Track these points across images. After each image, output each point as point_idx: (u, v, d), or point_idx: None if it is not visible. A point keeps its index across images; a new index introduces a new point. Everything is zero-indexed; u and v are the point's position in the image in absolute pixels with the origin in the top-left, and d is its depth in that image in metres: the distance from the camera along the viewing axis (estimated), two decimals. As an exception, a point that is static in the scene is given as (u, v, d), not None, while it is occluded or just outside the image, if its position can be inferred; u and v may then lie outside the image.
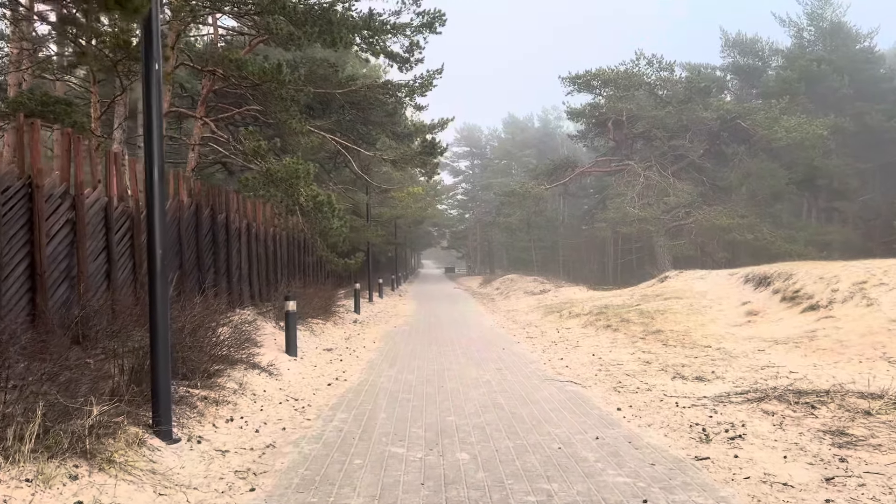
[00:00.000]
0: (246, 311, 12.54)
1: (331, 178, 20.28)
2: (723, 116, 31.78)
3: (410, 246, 76.11)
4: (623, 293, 20.65)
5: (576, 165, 36.35)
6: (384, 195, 23.98)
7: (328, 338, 13.30)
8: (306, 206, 9.44)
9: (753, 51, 46.61)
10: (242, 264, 12.81)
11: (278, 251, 15.95)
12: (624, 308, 16.19)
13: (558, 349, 12.44)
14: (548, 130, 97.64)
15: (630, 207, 29.92)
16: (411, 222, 45.57)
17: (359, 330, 16.05)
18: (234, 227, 12.49)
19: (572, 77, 34.75)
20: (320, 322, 14.62)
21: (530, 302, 25.90)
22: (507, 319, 20.10)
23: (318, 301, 14.97)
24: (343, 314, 18.43)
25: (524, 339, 14.62)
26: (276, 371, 8.67)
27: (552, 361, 10.94)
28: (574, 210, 66.37)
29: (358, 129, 17.77)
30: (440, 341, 14.02)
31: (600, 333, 13.80)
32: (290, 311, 10.16)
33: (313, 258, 17.51)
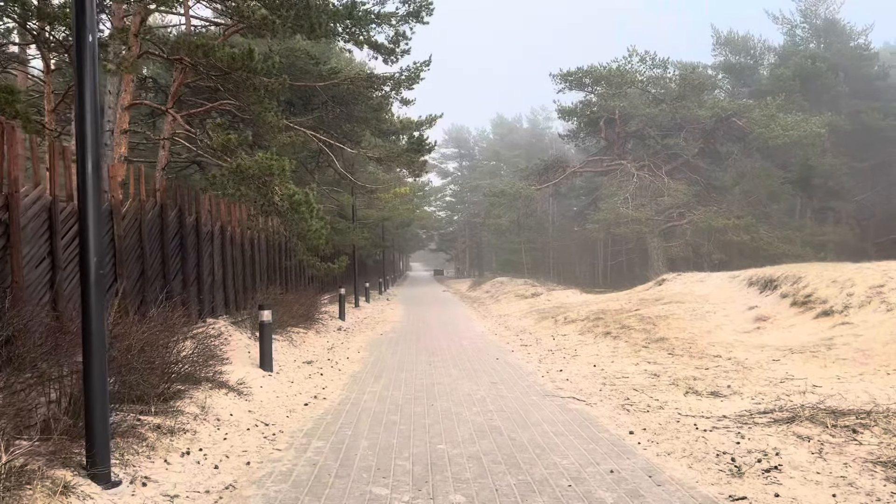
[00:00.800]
0: (219, 320, 11.67)
1: (314, 179, 19.44)
2: (717, 114, 31.19)
3: (399, 249, 75.32)
4: (619, 297, 19.93)
5: (567, 165, 35.65)
6: (370, 196, 23.17)
7: (309, 348, 12.45)
8: (282, 206, 8.62)
9: (745, 49, 46.20)
10: (216, 270, 11.94)
11: (256, 255, 15.09)
12: (623, 313, 15.45)
13: (556, 359, 11.66)
14: (536, 131, 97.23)
15: (623, 208, 29.24)
16: (399, 224, 44.75)
17: (343, 338, 15.21)
18: (206, 229, 11.62)
19: (564, 74, 34.04)
20: (301, 331, 13.76)
21: (522, 306, 25.14)
22: (499, 325, 19.31)
23: (299, 308, 14.12)
24: (327, 321, 17.58)
25: (518, 347, 13.84)
26: (247, 390, 7.82)
27: (551, 373, 10.16)
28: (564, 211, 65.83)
29: (342, 126, 16.93)
30: (430, 350, 13.21)
31: (599, 341, 13.03)
32: (265, 321, 9.31)
33: (295, 262, 16.65)
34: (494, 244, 69.09)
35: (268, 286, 15.61)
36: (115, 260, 8.10)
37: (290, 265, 17.52)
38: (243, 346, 10.48)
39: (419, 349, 13.45)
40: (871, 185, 39.13)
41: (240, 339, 10.74)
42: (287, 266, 17.40)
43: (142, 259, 8.89)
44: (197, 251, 11.10)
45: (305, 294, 16.38)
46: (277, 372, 9.56)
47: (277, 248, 17.04)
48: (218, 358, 7.97)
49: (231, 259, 13.11)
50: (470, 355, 12.47)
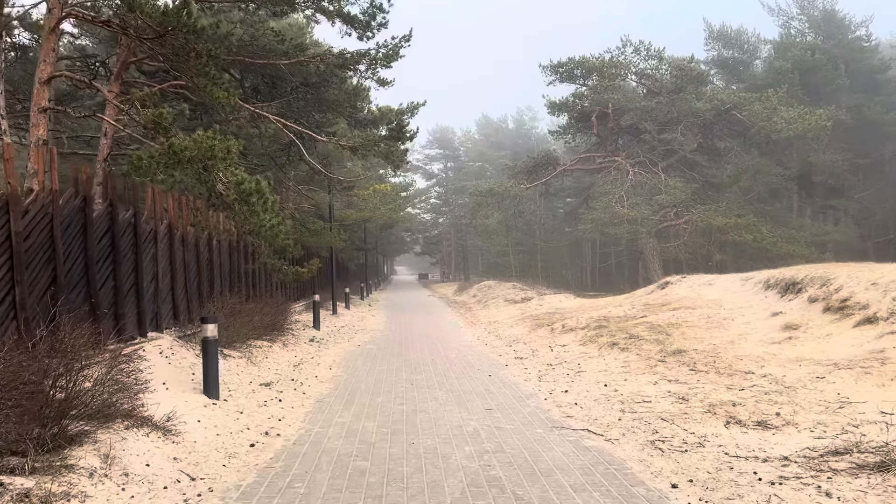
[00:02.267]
0: (164, 336, 10.05)
1: (285, 175, 17.84)
2: (717, 107, 29.89)
3: (382, 252, 73.79)
4: (621, 302, 18.49)
5: (557, 163, 34.23)
6: (348, 194, 21.62)
7: (271, 366, 10.84)
8: (228, 196, 7.07)
9: (739, 43, 45.13)
10: (161, 276, 10.31)
11: (216, 259, 13.47)
12: (628, 321, 14.00)
13: (558, 376, 10.17)
14: (522, 132, 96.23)
15: (618, 206, 27.83)
16: (381, 226, 43.13)
17: (314, 351, 13.61)
18: (148, 228, 10.01)
19: (554, 65, 32.59)
20: (265, 344, 12.16)
21: (512, 312, 23.67)
22: (490, 333, 17.81)
23: (262, 318, 12.52)
24: (298, 331, 15.97)
25: (513, 360, 12.33)
26: (177, 427, 6.23)
27: (555, 395, 8.66)
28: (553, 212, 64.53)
29: (312, 115, 15.38)
30: (412, 364, 11.67)
31: (606, 354, 11.55)
32: (209, 337, 7.74)
33: (261, 266, 15.04)
34: (481, 247, 67.68)
35: (230, 293, 14.00)
36: (11, 264, 6.49)
37: (256, 269, 15.90)
38: (187, 366, 8.86)
39: (401, 364, 11.90)
40: (873, 183, 38.08)
41: (184, 357, 9.12)
42: (253, 270, 15.78)
43: (53, 263, 7.27)
44: (135, 254, 9.48)
45: (272, 302, 14.77)
46: (225, 399, 7.96)
47: (242, 251, 15.43)
48: (142, 385, 6.38)
49: (182, 263, 11.49)
50: (458, 371, 10.95)
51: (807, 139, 27.95)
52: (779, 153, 32.12)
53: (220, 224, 13.14)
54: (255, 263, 13.43)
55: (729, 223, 26.72)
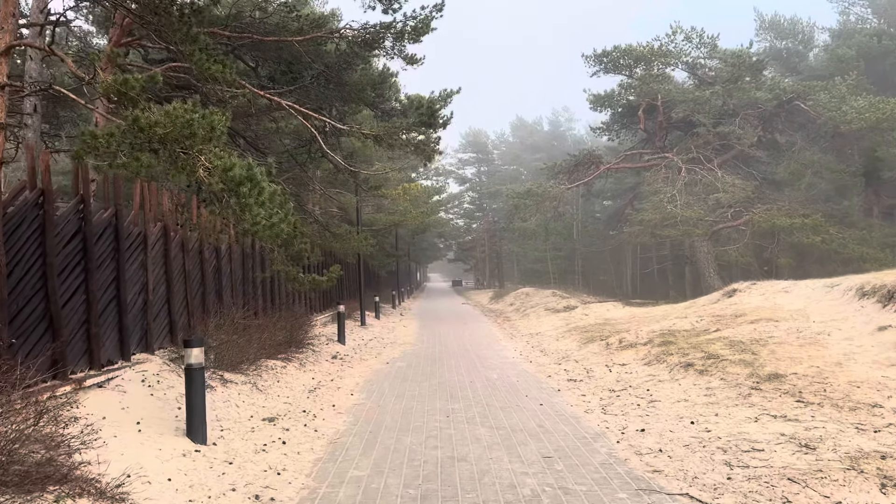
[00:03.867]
0: (153, 358, 8.57)
1: (307, 174, 16.39)
2: (778, 97, 27.65)
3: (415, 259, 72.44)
4: (681, 312, 16.58)
5: (600, 162, 32.28)
6: (376, 194, 20.11)
7: (281, 392, 9.28)
8: (212, 185, 5.55)
9: (793, 33, 42.65)
10: (152, 287, 8.84)
11: (225, 267, 12.01)
12: (699, 335, 12.15)
13: (626, 406, 8.41)
14: (557, 133, 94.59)
15: (671, 207, 25.79)
16: (413, 231, 41.65)
17: (336, 371, 12.05)
18: (135, 231, 8.55)
19: (598, 55, 30.64)
20: (277, 365, 10.62)
21: (555, 322, 21.87)
22: (533, 348, 16.08)
23: (273, 334, 10.99)
24: (320, 346, 14.46)
25: (565, 383, 10.61)
26: (134, 493, 4.65)
27: (629, 435, 6.93)
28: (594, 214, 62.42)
29: (334, 107, 13.89)
30: (448, 388, 10.03)
31: (680, 376, 9.74)
32: (193, 365, 6.21)
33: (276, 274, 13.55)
34: (517, 253, 65.80)
35: (242, 306, 12.52)
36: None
37: (274, 278, 14.42)
38: (175, 397, 7.33)
39: (434, 387, 10.26)
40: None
41: (172, 386, 7.59)
42: (271, 280, 14.31)
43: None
44: (116, 260, 8.01)
45: (290, 314, 13.24)
46: (214, 442, 6.40)
47: (258, 257, 13.97)
48: (89, 435, 4.83)
49: (182, 272, 10.02)
50: (503, 398, 9.27)
51: (880, 130, 25.56)
52: (839, 148, 29.70)
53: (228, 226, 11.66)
54: (269, 271, 11.90)
55: (795, 224, 24.48)
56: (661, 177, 28.14)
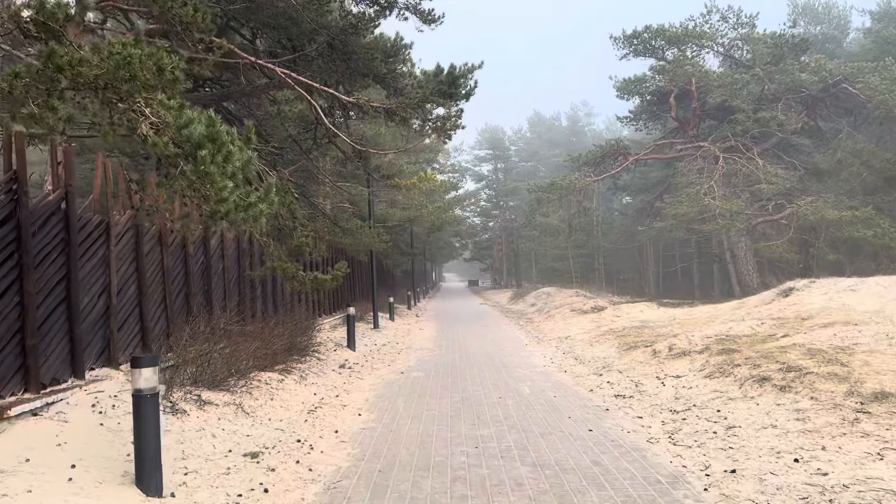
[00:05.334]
0: (116, 374, 7.06)
1: (312, 162, 14.88)
2: (824, 79, 25.76)
3: (431, 258, 71.04)
4: (732, 314, 14.90)
5: (628, 153, 30.50)
6: (389, 185, 18.58)
7: (272, 414, 7.74)
8: (160, 147, 4.06)
9: (828, 18, 40.65)
10: (118, 288, 7.35)
11: (215, 264, 10.54)
12: (764, 341, 10.48)
13: (699, 434, 6.81)
14: (576, 129, 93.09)
15: (709, 199, 23.99)
16: (429, 229, 40.09)
17: (342, 384, 10.51)
18: (93, 220, 7.06)
19: (628, 36, 28.84)
20: (273, 378, 9.10)
21: (585, 325, 20.22)
22: (564, 354, 14.48)
23: (268, 343, 9.48)
24: (327, 353, 12.96)
25: (612, 399, 9.02)
26: None
27: (714, 477, 5.37)
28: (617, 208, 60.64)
29: (342, 84, 12.36)
30: (474, 406, 8.47)
31: (754, 393, 8.10)
32: (143, 391, 4.73)
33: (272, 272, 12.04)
34: (536, 251, 64.04)
35: (239, 308, 11.05)
36: None
37: (276, 277, 12.93)
38: (130, 428, 5.79)
39: (457, 405, 8.70)
40: None
41: (131, 411, 6.05)
42: (272, 279, 12.83)
43: None
44: (66, 255, 6.53)
45: (291, 318, 11.72)
46: (173, 492, 4.89)
47: (257, 254, 12.48)
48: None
49: (159, 270, 8.54)
50: (541, 420, 7.69)
51: (938, 115, 23.62)
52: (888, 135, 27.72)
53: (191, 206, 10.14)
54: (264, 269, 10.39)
55: (844, 217, 22.63)
56: (696, 167, 26.34)
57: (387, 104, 9.66)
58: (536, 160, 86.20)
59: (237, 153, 4.40)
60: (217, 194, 4.26)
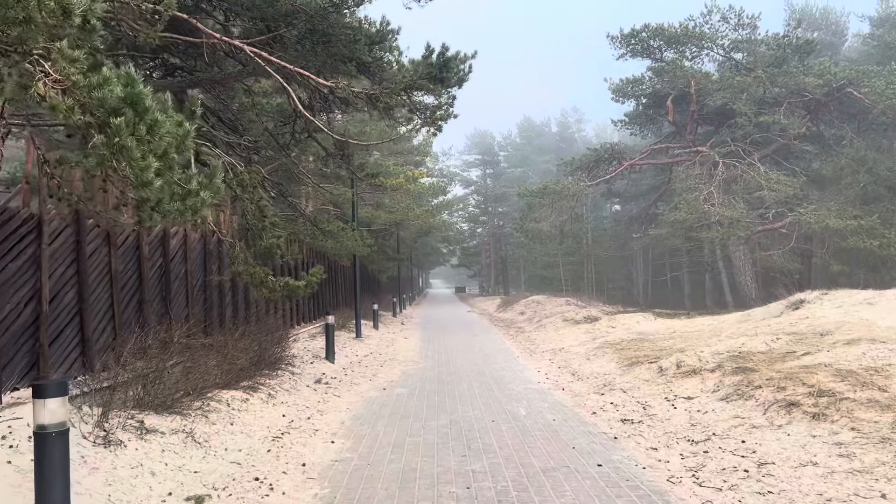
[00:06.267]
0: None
1: (290, 158, 13.85)
2: (829, 83, 25.04)
3: (417, 264, 70.13)
4: (739, 327, 14.05)
5: (623, 157, 29.67)
6: (374, 187, 17.60)
7: (229, 443, 6.72)
8: (63, 112, 3.12)
9: (826, 24, 40.22)
10: (53, 296, 6.35)
11: (176, 268, 9.52)
12: (784, 360, 9.59)
13: (726, 472, 5.91)
14: (566, 135, 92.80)
15: (709, 205, 23.18)
16: (416, 233, 39.15)
17: (317, 403, 9.50)
18: (20, 214, 6.04)
19: (626, 35, 28.02)
20: (237, 397, 8.08)
21: (579, 336, 19.34)
22: (561, 369, 13.55)
23: (232, 356, 8.46)
24: (301, 367, 11.94)
25: (619, 425, 8.08)
26: None
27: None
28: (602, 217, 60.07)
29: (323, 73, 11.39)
30: (464, 433, 7.49)
31: (780, 419, 7.19)
32: (48, 427, 3.72)
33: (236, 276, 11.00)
34: (525, 258, 63.22)
35: (204, 317, 10.03)
36: None
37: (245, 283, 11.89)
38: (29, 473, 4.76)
39: (444, 431, 7.73)
40: None
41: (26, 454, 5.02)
42: (238, 284, 11.79)
43: None
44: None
45: (261, 328, 10.68)
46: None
47: (227, 255, 11.44)
48: None
49: (107, 273, 7.51)
50: (541, 451, 6.74)
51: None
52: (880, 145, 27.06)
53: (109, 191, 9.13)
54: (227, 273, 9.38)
55: (849, 226, 21.90)
56: (694, 173, 25.55)
57: (369, 90, 8.70)
58: (526, 166, 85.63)
59: (168, 125, 3.43)
60: (138, 176, 3.29)
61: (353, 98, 8.68)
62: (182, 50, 13.79)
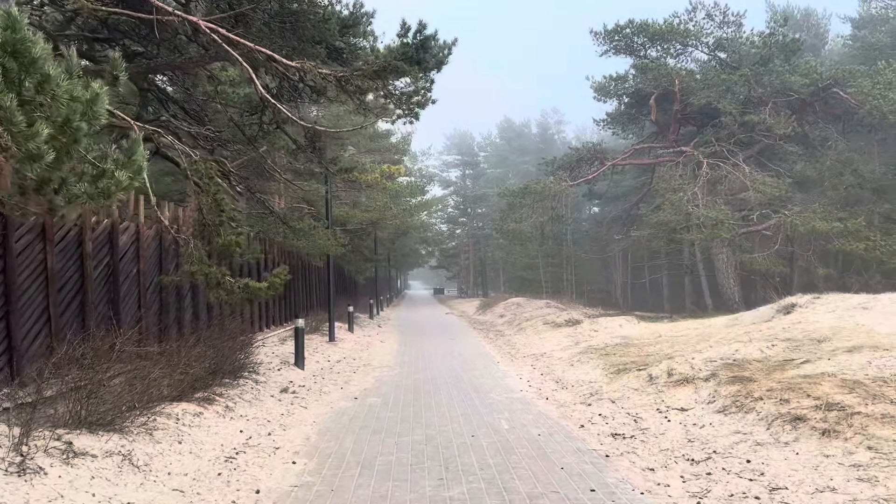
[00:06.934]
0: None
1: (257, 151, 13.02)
2: (815, 82, 24.70)
3: (396, 265, 69.33)
4: (728, 332, 13.50)
5: (605, 157, 29.14)
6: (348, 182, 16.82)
7: (174, 465, 5.97)
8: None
9: (807, 25, 40.10)
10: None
11: (126, 267, 8.73)
12: (784, 369, 9.02)
13: (733, 497, 5.33)
14: (546, 136, 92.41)
15: (693, 206, 22.72)
16: (394, 234, 38.33)
17: (280, 416, 8.75)
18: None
19: (609, 32, 27.51)
20: (189, 410, 7.33)
21: (561, 340, 18.76)
22: (544, 376, 12.92)
23: (182, 365, 7.70)
24: (267, 374, 11.18)
25: (610, 440, 7.44)
26: None
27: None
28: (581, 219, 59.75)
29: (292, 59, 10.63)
30: (439, 452, 6.80)
31: (786, 436, 6.59)
32: None
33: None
34: (505, 260, 62.64)
35: (160, 319, 9.25)
36: None
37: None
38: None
39: (418, 448, 7.04)
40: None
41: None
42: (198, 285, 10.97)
43: None
44: None
45: (222, 334, 9.89)
46: None
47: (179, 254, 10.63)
48: None
49: (42, 272, 6.74)
50: (527, 473, 6.08)
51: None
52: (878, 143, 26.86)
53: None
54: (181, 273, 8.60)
55: (834, 228, 21.55)
56: (678, 173, 25.09)
57: (338, 71, 7.98)
58: (506, 167, 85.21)
59: (68, 85, 2.70)
60: (23, 147, 2.57)
61: (320, 81, 7.93)
62: (144, 35, 12.98)
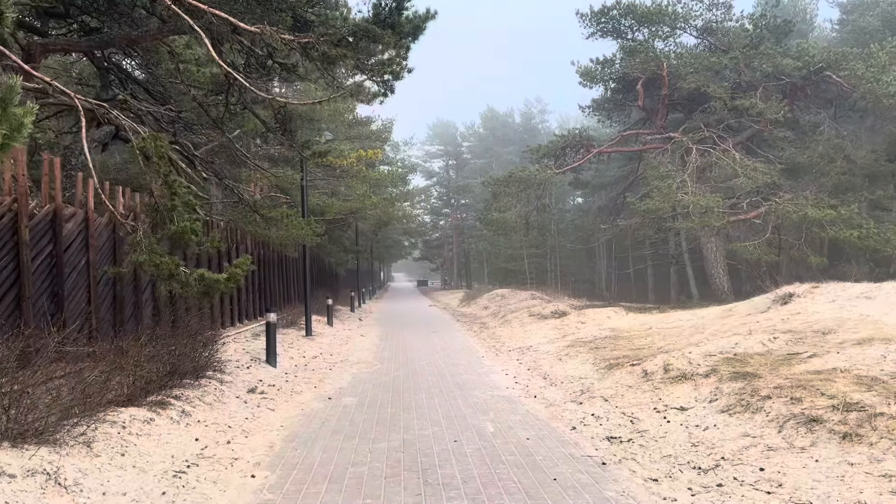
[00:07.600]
0: None
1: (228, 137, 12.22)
2: (807, 65, 24.18)
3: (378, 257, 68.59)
4: (724, 324, 12.94)
5: (591, 144, 28.51)
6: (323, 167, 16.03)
7: (112, 483, 5.26)
8: None
9: (794, 11, 39.65)
10: None
11: (73, 258, 7.95)
12: (790, 363, 8.42)
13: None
14: (530, 126, 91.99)
15: (682, 194, 22.15)
16: (375, 225, 37.54)
17: (244, 420, 8.02)
18: None
19: (596, 13, 26.79)
20: (136, 419, 6.57)
21: (548, 332, 18.15)
22: (531, 371, 12.27)
23: (134, 367, 6.95)
24: (234, 373, 10.46)
25: (606, 445, 6.81)
26: None
27: None
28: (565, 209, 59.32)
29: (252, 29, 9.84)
30: (417, 461, 6.12)
31: (802, 440, 5.98)
32: None
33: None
34: (488, 251, 62.05)
35: (114, 315, 8.47)
36: None
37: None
38: None
39: (395, 456, 6.36)
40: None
41: None
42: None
43: None
44: None
45: (182, 330, 9.13)
46: None
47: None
48: None
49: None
50: (514, 485, 5.45)
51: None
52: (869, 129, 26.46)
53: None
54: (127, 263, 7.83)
55: (828, 215, 21.08)
56: (666, 160, 24.51)
57: (302, 37, 7.22)
58: (490, 157, 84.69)
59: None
60: None
61: (282, 47, 7.19)
62: (102, 10, 12.16)
